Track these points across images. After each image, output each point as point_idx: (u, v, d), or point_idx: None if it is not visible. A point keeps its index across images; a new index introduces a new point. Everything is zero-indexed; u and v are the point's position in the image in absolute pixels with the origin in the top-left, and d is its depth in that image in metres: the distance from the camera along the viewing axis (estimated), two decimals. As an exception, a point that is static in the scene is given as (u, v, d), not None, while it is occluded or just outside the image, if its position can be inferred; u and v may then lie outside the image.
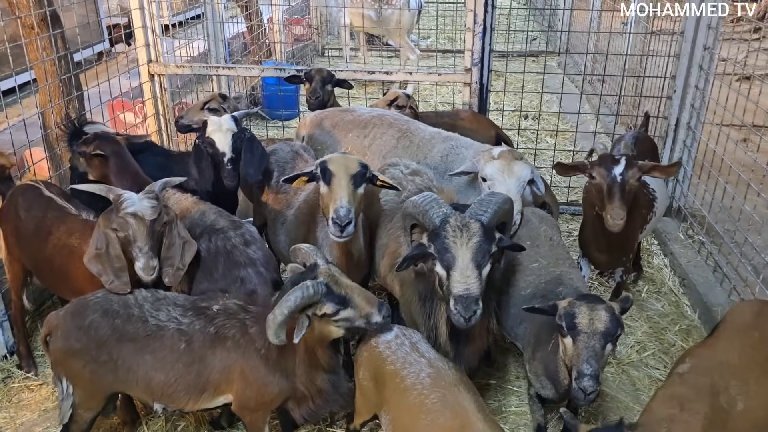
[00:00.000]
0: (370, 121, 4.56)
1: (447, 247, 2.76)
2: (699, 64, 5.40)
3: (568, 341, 2.77)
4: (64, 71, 5.51)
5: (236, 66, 6.69)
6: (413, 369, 2.88)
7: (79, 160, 4.29)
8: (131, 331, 3.05)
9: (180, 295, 3.30)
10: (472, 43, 5.55)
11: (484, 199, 2.94)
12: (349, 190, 3.16)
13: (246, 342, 3.05)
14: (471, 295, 2.69)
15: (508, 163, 3.78)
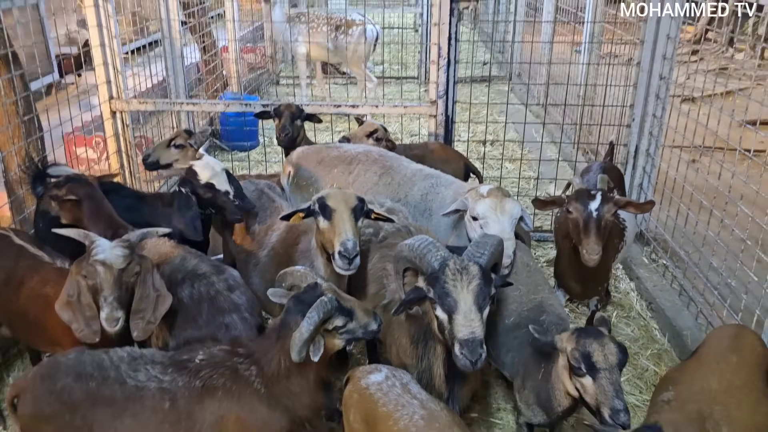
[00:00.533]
0: (355, 158, 4.56)
1: (448, 291, 2.76)
2: (656, 93, 5.64)
3: (587, 381, 2.79)
4: (25, 112, 5.34)
5: (201, 102, 6.60)
6: (406, 411, 2.86)
7: (51, 204, 4.12)
8: (107, 394, 2.89)
9: (157, 351, 3.16)
10: (437, 76, 5.64)
11: (480, 242, 2.96)
12: (352, 224, 3.24)
13: (239, 387, 2.95)
14: (476, 338, 2.70)
15: (500, 201, 3.76)
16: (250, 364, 2.98)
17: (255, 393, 2.94)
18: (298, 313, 2.86)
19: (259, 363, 2.97)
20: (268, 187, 4.46)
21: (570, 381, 2.90)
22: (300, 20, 10.12)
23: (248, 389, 2.94)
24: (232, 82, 10.14)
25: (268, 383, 2.95)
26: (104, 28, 5.87)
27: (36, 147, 5.53)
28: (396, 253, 3.06)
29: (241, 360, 3.00)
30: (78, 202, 4.04)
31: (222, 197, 4.09)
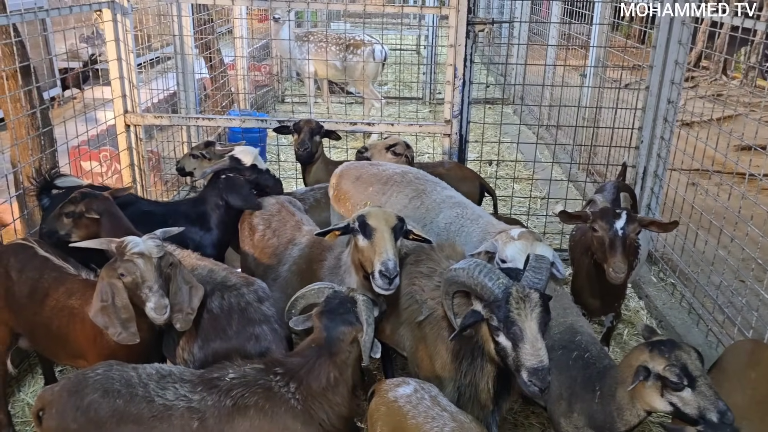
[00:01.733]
0: (391, 178, 4.55)
1: (513, 320, 2.74)
2: (663, 116, 5.74)
3: (686, 393, 2.74)
4: (41, 125, 5.39)
5: (216, 117, 6.66)
6: (436, 423, 2.87)
7: (63, 222, 4.07)
8: (134, 412, 2.86)
9: (187, 369, 3.14)
10: (452, 96, 5.74)
11: (536, 266, 2.93)
12: (392, 243, 3.22)
13: (273, 405, 2.92)
14: (545, 366, 2.69)
15: (531, 244, 3.60)
16: (287, 382, 2.97)
17: (290, 410, 2.92)
18: (342, 324, 2.96)
19: (302, 380, 2.97)
20: (288, 201, 4.52)
21: (661, 399, 2.82)
22: (309, 39, 10.25)
23: (283, 407, 2.92)
24: (239, 99, 10.23)
25: (307, 399, 2.95)
26: (121, 42, 5.94)
27: (50, 160, 5.57)
28: (449, 276, 3.02)
29: (278, 377, 2.98)
30: (97, 218, 4.02)
31: (265, 174, 4.75)
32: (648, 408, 2.93)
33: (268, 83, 12.51)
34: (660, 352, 2.84)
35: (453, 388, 3.22)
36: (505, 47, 13.81)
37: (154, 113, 6.33)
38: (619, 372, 3.07)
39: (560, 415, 3.32)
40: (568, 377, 3.30)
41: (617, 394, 3.02)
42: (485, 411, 3.20)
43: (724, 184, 4.79)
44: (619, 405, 3.01)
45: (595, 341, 3.47)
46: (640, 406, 2.95)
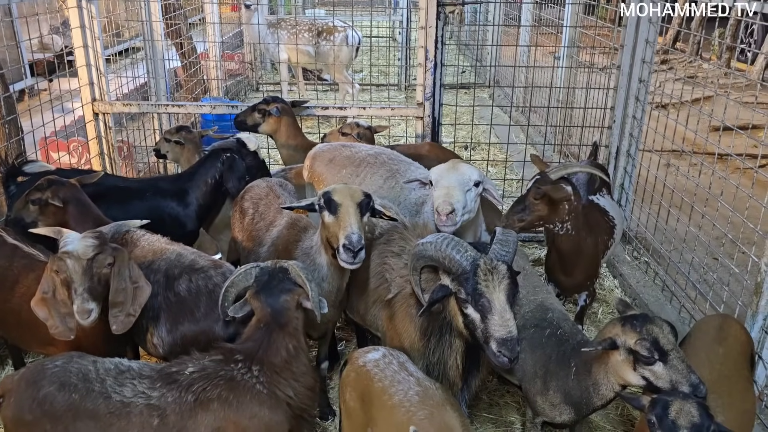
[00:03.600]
0: (365, 159, 4.55)
1: (481, 291, 2.77)
2: (635, 95, 5.78)
3: (658, 367, 2.77)
4: (6, 113, 5.27)
5: (186, 104, 6.58)
6: (402, 387, 2.90)
7: (29, 209, 4.02)
8: (90, 408, 2.79)
9: (146, 364, 3.06)
10: (424, 78, 5.71)
11: (502, 239, 2.95)
12: (357, 218, 3.20)
13: (238, 395, 2.88)
14: (514, 337, 2.71)
15: (453, 164, 3.86)
16: (249, 367, 2.94)
17: (256, 397, 2.89)
18: (281, 293, 2.98)
19: (261, 360, 2.95)
20: (278, 184, 4.51)
21: (634, 373, 2.86)
22: (280, 26, 10.14)
23: (248, 395, 2.89)
24: (212, 87, 10.10)
25: (272, 380, 2.93)
26: (87, 29, 5.83)
27: (15, 149, 5.46)
28: (417, 251, 3.03)
29: (240, 365, 2.94)
30: (63, 205, 3.97)
31: (261, 165, 4.91)
32: (622, 382, 2.96)
33: (241, 72, 12.38)
34: (632, 326, 2.87)
35: (422, 366, 3.22)
36: (481, 32, 13.83)
37: (123, 101, 6.19)
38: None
39: (536, 393, 3.34)
40: (542, 355, 3.32)
41: (593, 369, 3.05)
42: (454, 389, 3.22)
43: (697, 164, 4.84)
44: (595, 380, 3.04)
45: (567, 318, 3.50)
46: (614, 380, 2.98)
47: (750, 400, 3.21)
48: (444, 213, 3.60)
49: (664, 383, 2.77)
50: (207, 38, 9.90)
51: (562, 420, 3.30)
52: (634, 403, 2.72)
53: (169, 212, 4.63)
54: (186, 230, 4.71)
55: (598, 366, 3.03)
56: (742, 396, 3.16)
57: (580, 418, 3.29)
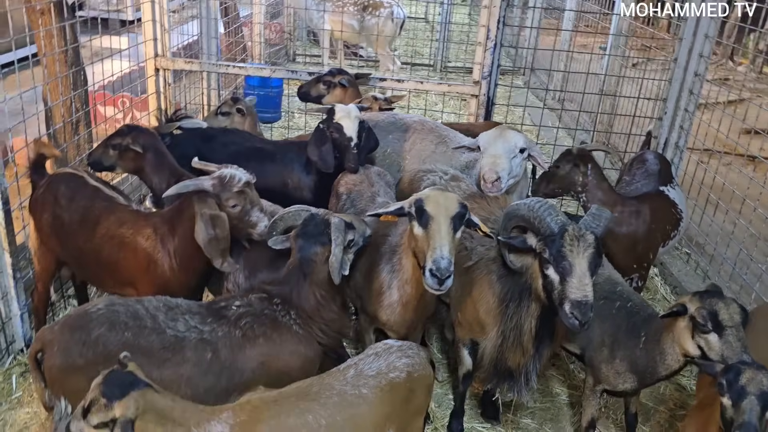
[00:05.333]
0: (411, 126, 4.67)
1: (564, 254, 2.86)
2: (689, 89, 5.83)
3: (713, 337, 2.92)
4: (73, 63, 5.38)
5: (246, 65, 6.68)
6: None
7: (109, 153, 4.16)
8: (144, 344, 2.83)
9: (193, 302, 3.15)
10: (483, 57, 5.77)
11: (596, 213, 3.05)
12: (450, 237, 2.93)
13: (280, 334, 3.07)
14: (589, 301, 2.81)
15: (501, 131, 4.03)
16: (288, 309, 3.11)
17: (294, 336, 3.09)
18: (315, 245, 3.09)
19: (296, 305, 3.11)
20: (376, 173, 4.39)
21: (692, 341, 3.00)
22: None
23: (288, 334, 3.08)
24: (254, 54, 10.17)
25: (305, 322, 3.11)
26: (154, -15, 5.90)
27: (81, 99, 5.57)
28: (510, 210, 3.13)
29: (279, 307, 3.11)
30: (142, 152, 4.10)
31: (344, 141, 4.26)
32: (683, 351, 3.09)
33: (279, 42, 12.43)
34: (700, 297, 3.01)
35: (497, 333, 3.34)
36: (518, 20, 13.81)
37: (183, 58, 6.29)
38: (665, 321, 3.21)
39: (601, 361, 3.47)
40: (611, 325, 3.44)
41: (662, 338, 3.18)
42: (527, 356, 3.31)
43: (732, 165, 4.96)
44: (663, 349, 3.17)
45: (636, 293, 3.61)
46: (679, 350, 3.10)
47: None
48: (490, 181, 3.80)
49: (716, 355, 2.91)
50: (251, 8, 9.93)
51: (624, 388, 3.43)
52: (708, 368, 2.84)
53: (294, 177, 4.65)
54: (304, 197, 4.60)
55: (667, 335, 3.16)
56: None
57: (642, 387, 3.43)
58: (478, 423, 4.05)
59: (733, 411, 2.60)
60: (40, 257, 3.97)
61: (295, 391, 2.72)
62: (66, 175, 3.84)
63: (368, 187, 4.16)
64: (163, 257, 3.49)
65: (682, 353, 3.12)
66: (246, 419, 2.55)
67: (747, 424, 2.53)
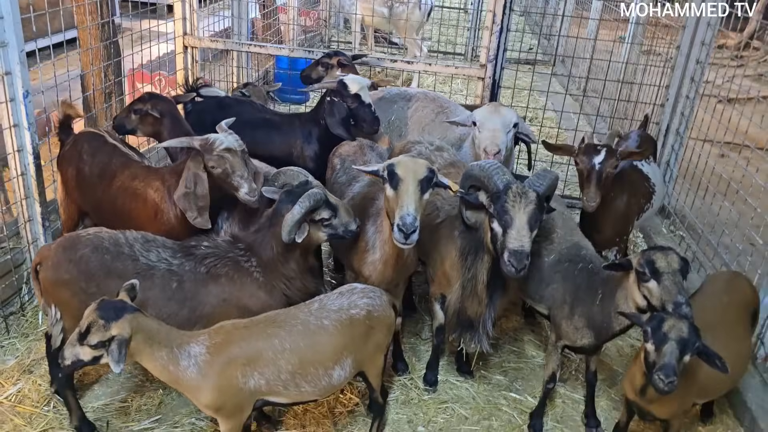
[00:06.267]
0: (414, 96, 5.03)
1: (506, 209, 3.18)
2: (691, 76, 5.98)
3: (653, 284, 3.16)
4: (107, 36, 5.89)
5: (267, 45, 7.09)
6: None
7: (131, 117, 4.59)
8: (120, 267, 3.24)
9: (167, 239, 3.54)
10: (489, 41, 6.02)
11: (540, 174, 3.37)
12: (416, 197, 3.20)
13: (240, 276, 3.36)
14: (524, 250, 3.13)
15: (495, 108, 4.36)
16: (249, 256, 3.41)
17: (254, 281, 3.39)
18: (289, 203, 3.29)
19: (257, 253, 3.40)
20: (369, 145, 4.68)
21: (639, 291, 3.25)
22: (358, -15, 10.54)
23: (248, 278, 3.38)
24: (287, 41, 10.62)
25: (265, 271, 3.39)
26: (184, -33, 6.36)
27: (113, 70, 6.09)
28: (466, 171, 3.47)
29: (242, 252, 3.42)
30: (160, 117, 4.54)
31: (365, 108, 4.63)
32: (635, 304, 3.32)
33: (315, 28, 12.86)
34: (643, 252, 3.27)
35: (459, 285, 3.67)
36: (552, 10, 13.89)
37: (210, 38, 6.75)
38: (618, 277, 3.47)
39: (562, 318, 3.74)
40: (572, 285, 3.71)
41: (616, 294, 3.44)
42: (482, 305, 3.62)
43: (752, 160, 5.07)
44: (617, 304, 3.43)
45: (598, 257, 3.87)
46: (631, 305, 3.35)
47: (746, 346, 3.57)
48: (492, 153, 4.10)
49: (657, 301, 3.15)
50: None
51: (582, 343, 3.68)
52: (635, 319, 3.11)
53: (297, 146, 4.97)
54: (307, 166, 4.78)
55: (620, 291, 3.42)
56: (738, 340, 3.53)
57: (599, 342, 3.68)
58: (452, 377, 4.37)
59: (655, 355, 2.87)
60: (66, 207, 4.46)
61: (263, 319, 3.12)
62: (88, 134, 4.31)
63: (360, 157, 4.49)
64: (169, 207, 3.90)
65: (635, 307, 3.34)
66: (220, 341, 2.96)
67: (666, 365, 2.80)
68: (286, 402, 3.16)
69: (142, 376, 4.06)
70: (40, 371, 4.03)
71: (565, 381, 4.40)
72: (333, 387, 3.20)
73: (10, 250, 4.48)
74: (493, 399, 4.20)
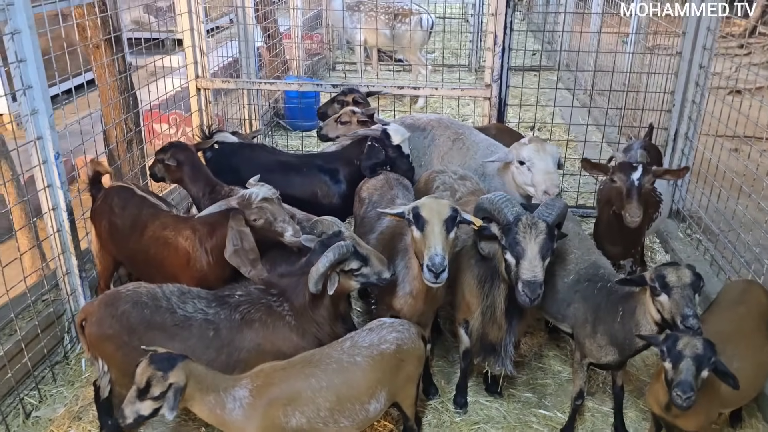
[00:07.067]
0: (428, 124, 5.17)
1: (518, 241, 3.31)
2: (695, 80, 6.07)
3: (663, 298, 3.27)
4: (125, 88, 6.10)
5: (276, 82, 7.30)
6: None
7: (158, 167, 4.85)
8: (159, 320, 3.41)
9: (202, 290, 3.69)
10: (492, 62, 6.19)
11: (549, 204, 3.51)
12: (443, 237, 3.31)
13: (273, 320, 3.50)
14: (537, 280, 3.25)
15: (541, 144, 4.53)
16: (282, 301, 3.55)
17: (287, 325, 3.52)
18: (320, 254, 3.37)
19: (289, 298, 3.54)
20: (396, 178, 4.79)
21: (653, 305, 3.36)
22: (359, 9, 10.75)
23: (281, 322, 3.51)
24: (293, 66, 10.84)
25: (297, 316, 3.52)
26: (193, 14, 6.59)
27: (132, 121, 6.30)
28: (477, 203, 3.61)
29: (274, 298, 3.56)
30: (179, 165, 4.76)
31: (404, 159, 4.86)
32: (651, 318, 3.44)
33: (319, 51, 13.09)
34: (656, 267, 3.40)
35: (479, 312, 3.80)
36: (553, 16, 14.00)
37: (221, 78, 6.97)
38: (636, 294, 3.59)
39: (585, 336, 3.84)
40: (592, 304, 3.81)
41: (636, 311, 3.55)
42: (501, 331, 3.74)
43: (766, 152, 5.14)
44: (637, 321, 3.53)
45: (617, 275, 3.97)
46: (650, 319, 3.46)
47: (765, 354, 3.64)
48: (554, 194, 4.35)
49: (668, 314, 3.27)
50: (290, 20, 10.60)
51: (607, 360, 3.78)
52: (652, 339, 3.23)
53: (323, 187, 5.08)
54: (333, 204, 5.06)
55: (639, 307, 3.52)
56: (758, 349, 3.62)
57: (623, 359, 3.77)
58: (482, 397, 4.48)
59: (673, 372, 2.99)
60: (101, 258, 4.66)
61: (300, 360, 3.27)
62: (118, 188, 4.53)
63: (388, 190, 4.58)
64: (201, 255, 4.09)
65: (653, 322, 3.45)
66: (261, 384, 3.12)
67: (683, 382, 2.92)
68: None
69: (185, 415, 4.22)
70: (89, 417, 4.20)
71: (593, 394, 4.50)
72: (369, 420, 3.34)
73: (52, 302, 4.68)
74: (524, 417, 4.30)
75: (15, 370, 4.19)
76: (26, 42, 3.98)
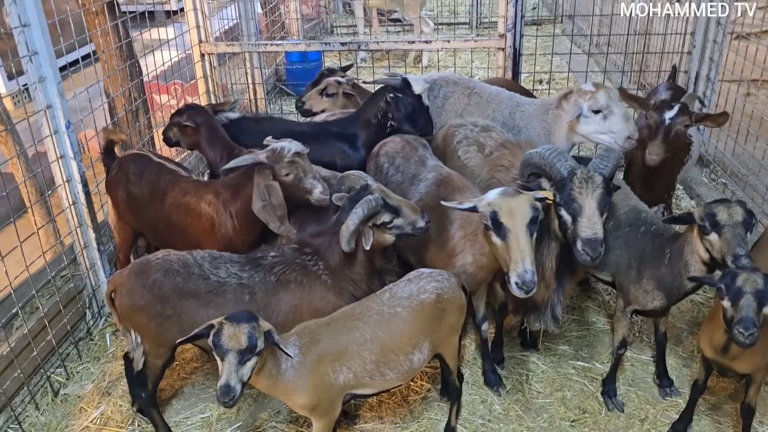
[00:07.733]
0: (436, 81, 4.93)
1: (574, 197, 3.12)
2: (716, 20, 5.87)
3: (713, 237, 3.14)
4: (127, 56, 5.88)
5: (282, 42, 7.07)
6: None
7: (173, 130, 4.68)
8: (192, 287, 3.29)
9: (233, 254, 3.55)
10: (506, 10, 5.96)
11: (604, 155, 3.31)
12: (530, 246, 3.03)
13: (309, 280, 3.39)
14: (598, 238, 3.08)
15: (612, 90, 4.32)
16: (317, 260, 3.43)
17: (323, 284, 3.41)
18: (350, 210, 3.24)
19: (324, 257, 3.42)
20: (413, 138, 4.54)
21: (702, 244, 3.23)
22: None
23: (317, 281, 3.40)
24: (291, 31, 10.57)
25: (333, 275, 3.41)
26: (193, -24, 6.33)
27: (138, 89, 6.10)
28: (525, 159, 3.38)
29: (309, 257, 3.44)
30: (196, 127, 4.58)
31: (425, 110, 4.62)
32: (699, 258, 3.31)
33: (315, 17, 12.77)
34: (706, 204, 3.26)
35: None
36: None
37: (225, 42, 6.74)
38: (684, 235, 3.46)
39: (629, 283, 3.71)
40: (636, 249, 3.68)
41: (684, 251, 3.41)
42: (550, 290, 3.59)
43: None
44: (686, 262, 3.40)
45: (658, 218, 3.84)
46: (698, 259, 3.33)
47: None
48: (636, 138, 4.16)
49: (717, 253, 3.15)
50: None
51: (654, 306, 3.65)
52: (707, 280, 3.11)
53: (341, 154, 4.81)
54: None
55: (687, 247, 3.39)
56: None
57: (671, 303, 3.65)
58: (518, 352, 4.40)
59: (732, 310, 2.88)
60: (119, 230, 4.52)
61: (341, 315, 3.18)
62: (133, 156, 4.36)
63: (412, 151, 4.30)
64: (226, 219, 3.95)
65: (701, 261, 3.33)
66: (307, 341, 3.01)
67: (745, 318, 2.81)
68: (373, 392, 3.23)
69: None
70: (118, 392, 4.12)
71: (631, 344, 4.42)
72: (414, 371, 3.26)
73: (71, 278, 4.55)
74: (562, 370, 4.23)
75: (40, 348, 4.09)
76: (29, 4, 3.78)
